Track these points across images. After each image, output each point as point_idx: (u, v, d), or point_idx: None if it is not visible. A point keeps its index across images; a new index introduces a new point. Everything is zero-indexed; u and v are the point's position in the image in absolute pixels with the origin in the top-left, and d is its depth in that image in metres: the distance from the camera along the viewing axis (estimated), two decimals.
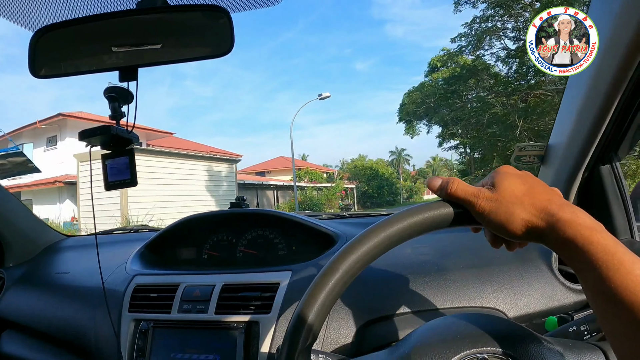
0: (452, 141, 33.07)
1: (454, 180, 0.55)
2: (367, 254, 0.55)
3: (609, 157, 1.00)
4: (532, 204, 0.50)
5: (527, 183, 0.52)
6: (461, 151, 34.59)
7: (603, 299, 0.44)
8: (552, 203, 0.49)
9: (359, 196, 32.04)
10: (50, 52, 0.83)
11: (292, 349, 0.55)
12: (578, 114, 0.91)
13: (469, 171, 29.80)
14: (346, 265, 0.54)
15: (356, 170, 35.17)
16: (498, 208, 0.51)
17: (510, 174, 0.53)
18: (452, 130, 26.86)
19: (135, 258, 1.22)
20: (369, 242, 0.55)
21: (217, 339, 0.95)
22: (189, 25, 0.81)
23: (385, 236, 0.55)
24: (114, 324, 1.03)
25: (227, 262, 1.25)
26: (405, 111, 29.31)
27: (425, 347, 0.56)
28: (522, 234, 0.50)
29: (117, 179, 0.91)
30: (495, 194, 0.51)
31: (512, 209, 0.50)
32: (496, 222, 0.51)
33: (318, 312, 0.55)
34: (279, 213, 1.25)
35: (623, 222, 1.01)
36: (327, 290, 0.54)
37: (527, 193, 0.51)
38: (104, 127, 0.86)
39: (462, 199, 0.53)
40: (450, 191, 0.54)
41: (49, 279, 1.30)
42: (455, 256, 1.03)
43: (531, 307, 0.92)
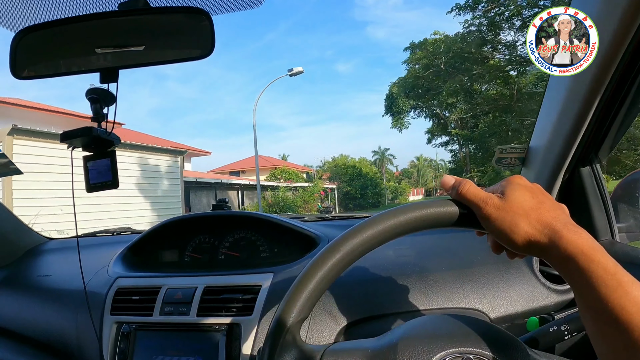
0: (443, 137, 32.35)
1: (466, 181, 0.56)
2: (372, 239, 0.56)
3: (589, 158, 1.01)
4: (538, 218, 0.50)
5: (537, 197, 0.52)
6: (452, 148, 33.10)
7: (600, 319, 0.45)
8: (557, 220, 0.50)
9: (340, 197, 30.12)
10: (32, 53, 0.82)
11: (273, 349, 0.55)
12: (558, 116, 0.92)
13: (464, 169, 28.53)
14: (349, 246, 0.56)
15: (337, 169, 32.80)
16: (504, 217, 0.51)
17: (522, 186, 0.54)
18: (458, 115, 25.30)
19: (118, 260, 1.21)
20: (374, 229, 0.56)
21: (199, 341, 0.95)
22: (171, 27, 0.81)
23: (392, 224, 0.56)
24: (95, 326, 1.02)
25: (209, 264, 1.24)
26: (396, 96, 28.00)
27: (413, 339, 0.56)
28: (523, 247, 0.51)
29: (99, 180, 0.90)
30: (504, 203, 0.52)
31: (518, 221, 0.50)
32: (500, 230, 0.52)
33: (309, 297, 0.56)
34: (261, 215, 1.25)
35: (603, 223, 1.02)
36: (326, 268, 0.56)
37: (534, 207, 0.51)
38: (85, 129, 0.86)
39: (471, 201, 0.54)
40: (461, 192, 0.55)
41: (31, 282, 1.29)
42: (436, 258, 1.03)
43: (513, 308, 0.92)
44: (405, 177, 65.52)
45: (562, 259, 0.48)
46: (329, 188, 27.14)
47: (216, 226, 1.29)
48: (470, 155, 29.58)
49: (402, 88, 28.44)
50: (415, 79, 26.72)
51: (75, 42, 0.83)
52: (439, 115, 30.77)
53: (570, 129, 0.90)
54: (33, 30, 0.80)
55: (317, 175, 27.50)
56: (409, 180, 62.65)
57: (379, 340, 0.60)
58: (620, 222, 1.05)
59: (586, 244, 0.47)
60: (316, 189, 22.13)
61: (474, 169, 27.04)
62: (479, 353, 0.53)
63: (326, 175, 32.31)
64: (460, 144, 31.34)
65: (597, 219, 1.01)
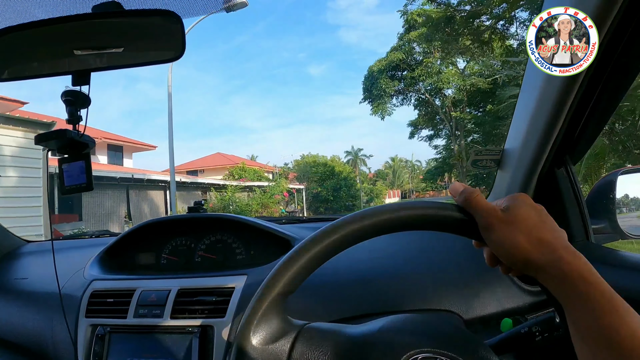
0: (428, 130, 30.12)
1: (475, 190, 0.55)
2: (372, 227, 0.56)
3: (563, 160, 1.02)
4: (539, 237, 0.50)
5: (540, 217, 0.52)
6: (437, 144, 30.28)
7: (593, 341, 0.45)
8: (557, 241, 0.50)
9: (309, 200, 26.12)
10: (3, 56, 0.83)
11: (254, 313, 0.57)
12: (531, 118, 0.93)
13: (459, 166, 25.50)
14: (348, 230, 0.56)
15: (306, 167, 27.64)
16: (505, 231, 0.51)
17: (527, 204, 0.53)
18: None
19: (94, 263, 1.21)
20: (377, 217, 0.56)
21: (172, 343, 0.95)
22: (142, 29, 0.82)
23: (394, 217, 0.56)
24: (70, 329, 1.02)
25: (186, 266, 1.24)
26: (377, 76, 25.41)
27: (391, 332, 0.57)
28: (521, 263, 0.51)
29: (73, 183, 0.90)
30: (507, 217, 0.52)
31: (518, 236, 0.50)
32: (498, 244, 0.52)
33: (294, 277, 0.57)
34: (238, 217, 1.25)
35: (578, 225, 1.03)
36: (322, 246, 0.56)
37: (536, 225, 0.51)
38: (59, 131, 0.86)
39: (476, 210, 0.54)
40: (469, 199, 0.54)
41: (7, 285, 1.29)
42: (411, 259, 1.04)
43: (487, 309, 0.93)
44: (380, 179, 60.59)
45: (559, 280, 0.48)
46: (294, 189, 23.51)
47: (193, 228, 1.29)
48: (468, 147, 25.87)
49: (387, 66, 26.38)
50: (404, 53, 24.87)
51: (48, 45, 0.83)
52: (427, 102, 28.83)
53: (543, 131, 0.91)
54: (5, 32, 0.80)
55: (280, 174, 21.99)
56: (384, 182, 57.84)
57: (358, 327, 0.61)
58: (595, 224, 1.06)
59: (585, 267, 0.47)
60: (277, 190, 18.59)
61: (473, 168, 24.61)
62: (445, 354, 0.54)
63: (292, 175, 27.42)
64: (454, 134, 27.78)
65: (572, 220, 1.02)
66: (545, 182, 1.03)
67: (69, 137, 0.86)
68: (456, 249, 1.02)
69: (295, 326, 0.59)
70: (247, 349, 0.56)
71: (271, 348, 0.56)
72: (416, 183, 64.19)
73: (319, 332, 0.59)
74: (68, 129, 0.87)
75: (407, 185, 65.24)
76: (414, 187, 63.58)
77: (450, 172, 30.97)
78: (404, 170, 67.46)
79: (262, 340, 0.56)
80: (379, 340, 0.56)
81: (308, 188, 26.17)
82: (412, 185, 63.89)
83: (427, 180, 60.51)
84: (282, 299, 0.58)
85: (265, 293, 0.57)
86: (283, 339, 0.57)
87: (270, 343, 0.56)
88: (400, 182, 65.62)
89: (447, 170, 30.99)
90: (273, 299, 0.57)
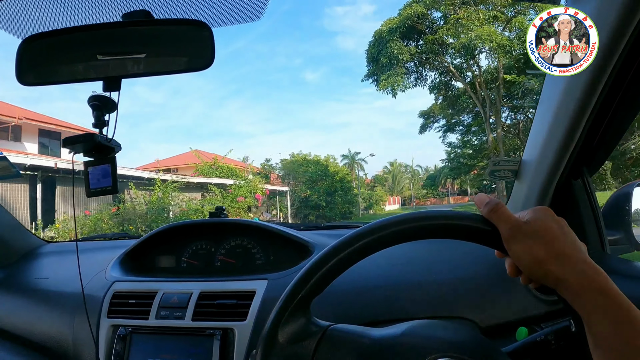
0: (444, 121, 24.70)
1: (500, 202, 0.57)
2: (400, 234, 0.58)
3: (580, 171, 1.03)
4: (560, 250, 0.51)
5: (562, 230, 0.53)
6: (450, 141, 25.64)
7: (611, 354, 0.46)
8: (577, 254, 0.51)
9: (296, 205, 20.95)
10: (37, 61, 0.85)
11: (283, 311, 0.58)
12: (549, 129, 0.94)
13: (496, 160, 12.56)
14: (378, 235, 0.58)
15: (293, 166, 22.18)
16: (527, 242, 0.52)
17: (550, 217, 0.54)
18: None
19: (115, 265, 1.23)
20: (405, 225, 0.58)
21: (193, 345, 0.96)
22: (172, 38, 0.84)
23: (421, 225, 0.58)
24: (92, 329, 1.03)
25: (205, 270, 1.26)
26: (387, 39, 18.51)
27: (415, 336, 0.59)
28: (541, 274, 0.52)
29: (99, 186, 0.92)
30: (529, 229, 0.53)
31: (539, 248, 0.51)
32: (520, 255, 0.53)
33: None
34: (258, 223, 1.27)
35: (594, 236, 1.03)
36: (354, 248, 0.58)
37: (557, 239, 0.52)
38: (87, 135, 0.88)
39: (500, 221, 0.55)
40: (494, 210, 0.55)
41: (29, 284, 1.31)
42: (429, 267, 1.05)
43: (503, 318, 0.94)
44: (379, 184, 53.65)
45: (578, 293, 0.49)
46: (268, 190, 17.41)
47: (213, 233, 1.31)
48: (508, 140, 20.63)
49: (400, 24, 18.62)
50: (425, 5, 17.76)
51: (80, 51, 0.85)
52: (449, 80, 21.70)
53: (561, 142, 0.92)
54: (39, 38, 0.83)
55: (256, 172, 18.26)
56: (383, 187, 51.45)
57: (382, 330, 0.62)
58: (611, 235, 1.06)
59: (604, 281, 0.48)
60: (244, 191, 13.72)
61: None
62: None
63: (274, 175, 22.38)
64: (487, 119, 20.43)
65: (589, 231, 1.03)
66: (562, 193, 1.03)
67: (97, 141, 0.88)
68: (474, 257, 1.03)
69: (320, 327, 0.61)
70: (274, 346, 0.57)
71: (296, 347, 0.58)
72: (416, 189, 60.88)
73: (343, 334, 0.61)
74: (95, 133, 0.89)
75: (407, 192, 60.95)
76: (415, 194, 59.89)
77: (468, 173, 28.46)
78: (404, 176, 62.48)
79: (288, 338, 0.58)
80: (402, 344, 0.57)
81: (295, 191, 21.31)
82: (412, 191, 59.92)
83: (427, 187, 57.54)
84: (309, 299, 0.60)
85: (294, 292, 0.58)
86: (309, 338, 0.59)
87: (296, 342, 0.58)
88: (400, 188, 60.84)
89: (465, 172, 27.86)
90: (301, 299, 0.58)
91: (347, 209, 23.42)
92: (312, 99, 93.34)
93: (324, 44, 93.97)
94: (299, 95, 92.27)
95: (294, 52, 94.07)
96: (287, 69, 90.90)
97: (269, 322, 0.59)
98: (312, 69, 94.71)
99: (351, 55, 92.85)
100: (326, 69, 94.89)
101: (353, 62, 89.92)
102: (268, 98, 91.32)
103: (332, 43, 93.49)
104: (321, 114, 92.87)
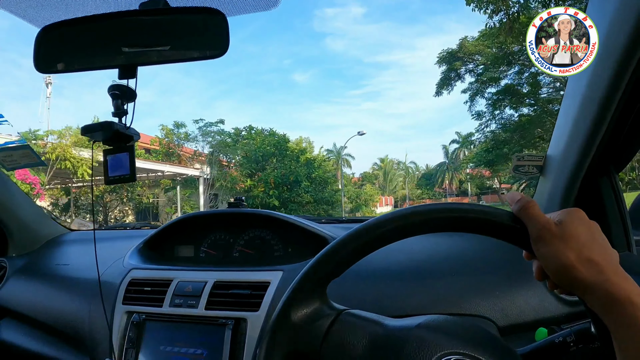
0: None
1: (532, 201, 0.55)
2: (425, 223, 0.57)
3: (606, 168, 0.99)
4: (589, 256, 0.49)
5: (592, 235, 0.51)
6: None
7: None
8: (607, 262, 0.49)
9: (222, 204, 14.79)
10: (54, 49, 0.86)
11: (297, 291, 0.58)
12: (574, 125, 0.91)
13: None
14: (400, 223, 0.57)
15: (227, 140, 15.60)
16: (556, 245, 0.50)
17: (582, 220, 0.52)
18: None
19: (134, 253, 1.25)
20: (429, 215, 0.57)
21: (205, 333, 0.97)
22: (188, 27, 0.84)
23: (451, 216, 0.56)
24: (107, 314, 1.05)
25: (223, 261, 1.27)
26: None
27: (429, 330, 0.58)
28: (567, 280, 0.50)
29: (117, 174, 0.93)
30: (559, 231, 0.51)
31: (568, 253, 0.49)
32: (548, 258, 0.51)
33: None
34: (278, 215, 1.27)
35: (620, 236, 1.00)
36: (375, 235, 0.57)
37: (588, 244, 0.50)
38: (106, 123, 0.89)
39: (530, 221, 0.53)
40: (524, 208, 0.54)
41: (49, 270, 1.34)
42: (449, 263, 1.03)
43: (522, 318, 0.91)
44: (368, 182, 47.13)
45: (606, 303, 0.47)
46: (196, 176, 12.77)
47: (232, 224, 1.32)
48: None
49: None
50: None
51: (97, 39, 0.86)
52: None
53: (586, 138, 0.89)
54: (56, 27, 0.84)
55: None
56: (373, 185, 45.03)
57: (397, 321, 0.61)
58: (638, 235, 1.02)
59: (635, 291, 0.46)
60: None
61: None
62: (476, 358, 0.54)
63: (188, 150, 15.24)
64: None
65: (614, 230, 1.00)
66: (587, 191, 1.00)
67: (115, 130, 0.89)
68: (495, 255, 1.01)
69: (335, 309, 0.60)
70: (286, 324, 0.57)
71: (308, 327, 0.57)
72: (410, 189, 53.26)
73: (357, 319, 0.60)
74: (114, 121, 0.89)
75: (401, 191, 53.17)
76: (410, 194, 51.93)
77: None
78: (396, 173, 54.57)
79: (301, 318, 0.58)
80: (415, 336, 0.56)
81: (223, 174, 14.51)
82: (407, 190, 52.25)
83: (422, 187, 52.08)
84: (326, 281, 0.59)
85: (310, 273, 0.58)
86: (321, 319, 0.58)
87: (310, 323, 0.58)
88: (393, 186, 52.95)
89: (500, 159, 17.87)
90: (317, 280, 0.58)
91: (323, 210, 16.24)
92: (301, 100, 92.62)
93: (314, 46, 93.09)
94: (289, 96, 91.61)
95: (284, 53, 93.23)
96: (277, 70, 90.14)
97: (283, 300, 0.58)
98: (302, 71, 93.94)
99: (341, 57, 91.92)
100: (316, 71, 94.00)
101: (343, 64, 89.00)
102: (257, 99, 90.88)
103: (322, 45, 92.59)
104: (311, 116, 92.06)
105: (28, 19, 0.88)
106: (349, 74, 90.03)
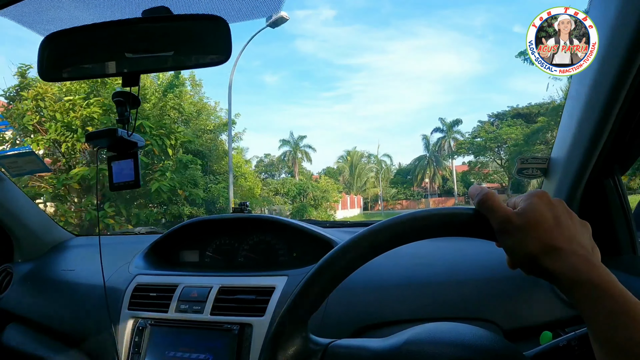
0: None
1: (491, 192, 0.53)
2: (392, 239, 0.56)
3: (611, 170, 0.98)
4: (552, 244, 0.47)
5: (557, 219, 0.49)
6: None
7: (610, 350, 0.43)
8: (570, 246, 0.47)
9: None
10: (59, 57, 0.86)
11: (278, 335, 0.56)
12: (578, 126, 0.91)
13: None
14: (362, 247, 0.56)
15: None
16: (517, 236, 0.49)
17: (541, 202, 0.50)
18: None
19: (139, 258, 1.26)
20: (391, 230, 0.56)
21: (211, 339, 0.98)
22: (190, 34, 0.84)
23: (407, 227, 0.55)
24: (112, 320, 1.06)
25: (228, 265, 1.28)
26: None
27: (418, 344, 0.56)
28: (529, 267, 0.49)
29: (122, 180, 0.94)
30: (520, 220, 0.49)
31: (527, 240, 0.48)
32: (511, 249, 0.50)
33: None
34: (282, 219, 1.27)
35: (625, 238, 0.99)
36: (343, 264, 0.56)
37: (550, 230, 0.48)
38: (110, 130, 0.90)
39: (490, 212, 0.52)
40: (483, 201, 0.52)
41: (55, 275, 1.35)
42: (452, 267, 1.03)
43: (527, 321, 0.91)
44: (332, 178, 35.77)
45: (570, 288, 0.46)
46: None
47: (237, 229, 1.32)
48: None
49: None
50: None
51: (100, 48, 0.86)
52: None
53: (590, 139, 0.89)
54: (61, 35, 0.84)
55: None
56: (335, 182, 32.41)
57: (383, 341, 0.60)
58: None
59: (597, 273, 0.44)
60: None
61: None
62: None
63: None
64: None
65: (619, 232, 0.99)
66: (592, 192, 0.99)
67: (119, 136, 0.89)
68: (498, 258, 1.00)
69: (320, 345, 0.59)
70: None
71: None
72: (384, 187, 43.99)
73: (345, 349, 0.58)
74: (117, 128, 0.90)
75: (372, 189, 43.60)
76: (384, 194, 43.42)
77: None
78: (366, 167, 44.01)
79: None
80: (406, 352, 0.55)
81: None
82: (380, 189, 43.02)
83: (398, 185, 45.64)
84: (306, 318, 0.58)
85: (289, 313, 0.57)
86: (311, 358, 0.57)
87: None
88: (362, 183, 42.76)
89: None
90: (298, 319, 0.57)
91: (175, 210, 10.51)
92: (269, 101, 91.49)
93: (284, 47, 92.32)
94: (259, 97, 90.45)
95: (252, 54, 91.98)
96: (246, 71, 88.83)
97: (266, 346, 0.57)
98: (271, 72, 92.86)
99: (311, 59, 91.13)
100: (286, 73, 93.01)
101: (313, 66, 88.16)
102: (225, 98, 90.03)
103: (292, 46, 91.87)
104: (280, 118, 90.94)
105: (32, 27, 0.89)
106: (319, 76, 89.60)
